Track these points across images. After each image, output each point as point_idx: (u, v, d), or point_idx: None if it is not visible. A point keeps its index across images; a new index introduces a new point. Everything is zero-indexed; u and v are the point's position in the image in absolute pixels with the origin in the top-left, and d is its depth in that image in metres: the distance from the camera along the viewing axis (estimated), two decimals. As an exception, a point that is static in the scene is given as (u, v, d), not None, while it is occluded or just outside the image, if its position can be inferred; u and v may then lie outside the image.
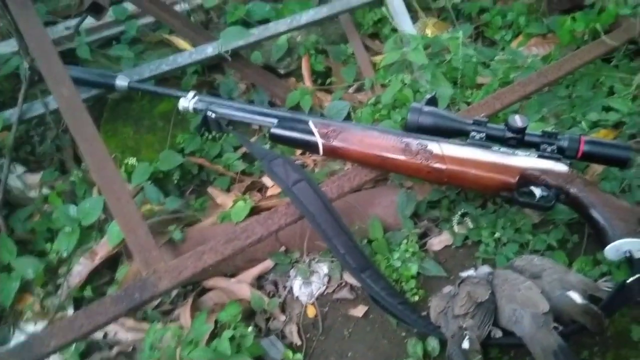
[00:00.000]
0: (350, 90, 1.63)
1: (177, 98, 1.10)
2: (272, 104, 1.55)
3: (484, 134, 0.96)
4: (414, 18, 1.65)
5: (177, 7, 1.64)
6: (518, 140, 0.95)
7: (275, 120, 1.03)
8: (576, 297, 0.81)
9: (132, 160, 1.28)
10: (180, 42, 1.57)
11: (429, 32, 1.71)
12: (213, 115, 1.05)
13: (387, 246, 1.05)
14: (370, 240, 1.07)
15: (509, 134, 0.95)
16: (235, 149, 1.39)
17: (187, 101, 1.08)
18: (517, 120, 0.94)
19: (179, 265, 0.89)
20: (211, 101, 1.07)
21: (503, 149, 0.95)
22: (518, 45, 1.59)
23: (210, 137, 1.38)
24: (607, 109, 1.22)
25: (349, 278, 1.04)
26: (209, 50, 1.32)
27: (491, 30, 1.66)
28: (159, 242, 1.16)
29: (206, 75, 1.56)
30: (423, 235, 1.11)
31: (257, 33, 1.38)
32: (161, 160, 1.32)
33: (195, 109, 1.07)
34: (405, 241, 1.05)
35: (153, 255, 0.90)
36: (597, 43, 1.31)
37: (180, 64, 1.31)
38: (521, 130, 0.94)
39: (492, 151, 0.95)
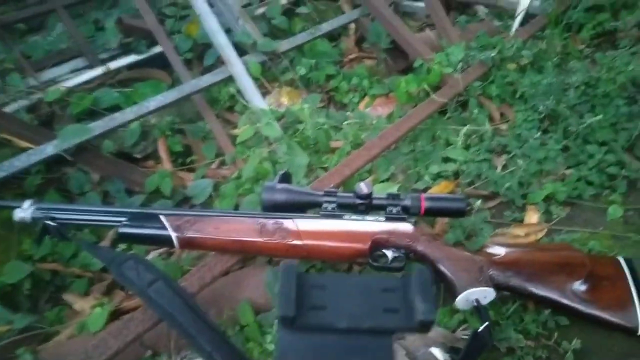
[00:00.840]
0: (213, 166, 1.62)
1: (12, 209, 1.01)
2: (130, 192, 1.49)
3: (335, 204, 0.99)
4: (267, 91, 1.70)
5: (15, 105, 1.54)
6: (367, 206, 0.99)
7: (123, 219, 0.98)
8: (437, 353, 0.84)
9: (-30, 279, 1.15)
10: (21, 141, 1.47)
11: (284, 100, 1.77)
12: (53, 224, 0.97)
13: (259, 330, 1.03)
14: (242, 327, 1.05)
15: (358, 201, 0.99)
16: (93, 247, 1.30)
17: (24, 212, 0.99)
18: (363, 188, 0.98)
19: (24, 402, 0.79)
20: (50, 208, 0.99)
21: (354, 217, 0.99)
22: (365, 106, 1.70)
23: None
24: (446, 159, 1.33)
25: (224, 371, 1.00)
26: (49, 149, 1.25)
27: (340, 94, 1.77)
28: (7, 370, 1.04)
29: (53, 171, 1.46)
30: (296, 309, 1.11)
31: (102, 125, 1.33)
32: (6, 272, 1.20)
33: (34, 219, 0.99)
34: (277, 321, 1.03)
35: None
36: (429, 101, 1.43)
37: (17, 168, 1.22)
38: (368, 196, 0.98)
39: (344, 220, 0.98)
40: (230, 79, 1.61)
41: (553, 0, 1.85)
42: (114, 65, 1.76)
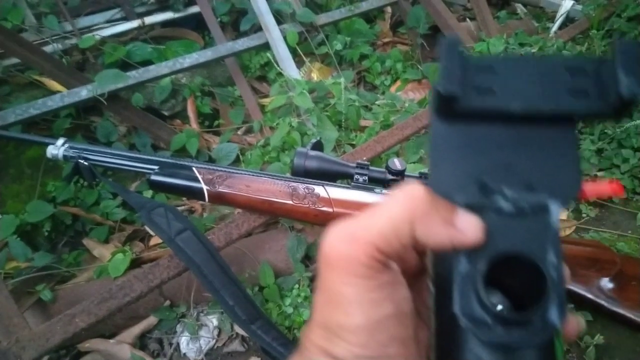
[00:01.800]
0: (239, 132, 1.62)
1: (45, 145, 1.01)
2: (155, 148, 1.49)
3: (367, 177, 0.99)
4: (299, 63, 1.69)
5: (50, 48, 1.54)
6: (398, 182, 0.98)
7: (155, 167, 0.98)
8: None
9: (-6, 213, 1.16)
10: (53, 84, 1.46)
11: (314, 76, 1.76)
12: (85, 164, 0.97)
13: (279, 292, 1.03)
14: (261, 288, 1.05)
15: (390, 176, 0.98)
16: (115, 195, 1.30)
17: (57, 149, 0.99)
18: (397, 163, 0.97)
19: (46, 332, 0.80)
20: (83, 148, 0.99)
21: (385, 191, 0.98)
22: (396, 90, 1.69)
23: (85, 184, 1.28)
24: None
25: (240, 329, 1.00)
26: (83, 93, 1.24)
27: (372, 75, 1.75)
28: (25, 303, 1.05)
29: (82, 118, 1.46)
30: (315, 278, 1.11)
31: (137, 75, 1.33)
32: (29, 211, 1.20)
33: (65, 157, 0.99)
34: (297, 286, 1.03)
35: (14, 322, 0.80)
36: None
37: (50, 108, 1.21)
38: (400, 173, 0.97)
39: (374, 193, 0.97)
40: (265, 46, 1.60)
41: (597, 5, 1.82)
42: (149, 20, 1.74)
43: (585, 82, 0.28)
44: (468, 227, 0.27)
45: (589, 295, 0.89)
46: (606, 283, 0.89)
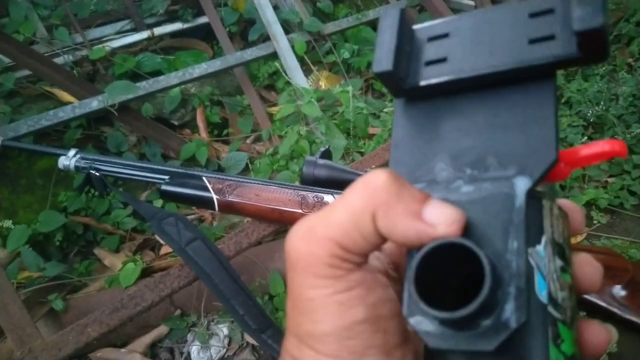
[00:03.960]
0: (248, 141, 1.62)
1: (57, 156, 1.02)
2: (165, 157, 1.50)
3: (377, 185, 0.99)
4: (307, 71, 1.70)
5: (61, 59, 1.56)
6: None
7: (166, 177, 0.99)
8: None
9: (7, 223, 1.16)
10: (64, 95, 1.48)
11: (322, 84, 1.76)
12: (97, 174, 0.98)
13: (288, 301, 1.03)
14: (271, 296, 1.05)
15: (400, 184, 0.98)
16: (125, 205, 1.31)
17: (68, 159, 1.00)
18: (406, 171, 0.97)
19: (58, 342, 0.80)
20: (95, 159, 1.00)
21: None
22: (405, 97, 1.69)
23: (96, 193, 1.29)
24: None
25: (250, 339, 1.00)
26: (94, 104, 1.25)
27: (379, 83, 1.75)
28: (37, 313, 1.05)
29: (92, 129, 1.48)
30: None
31: (147, 86, 1.34)
32: (41, 221, 1.22)
33: (77, 168, 1.00)
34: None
35: (28, 332, 0.81)
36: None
37: (62, 119, 1.23)
38: (410, 180, 0.97)
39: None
40: (273, 56, 1.61)
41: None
42: (158, 31, 1.76)
43: (551, 24, 0.24)
44: (440, 220, 0.23)
45: (602, 303, 0.88)
46: (618, 290, 0.88)
